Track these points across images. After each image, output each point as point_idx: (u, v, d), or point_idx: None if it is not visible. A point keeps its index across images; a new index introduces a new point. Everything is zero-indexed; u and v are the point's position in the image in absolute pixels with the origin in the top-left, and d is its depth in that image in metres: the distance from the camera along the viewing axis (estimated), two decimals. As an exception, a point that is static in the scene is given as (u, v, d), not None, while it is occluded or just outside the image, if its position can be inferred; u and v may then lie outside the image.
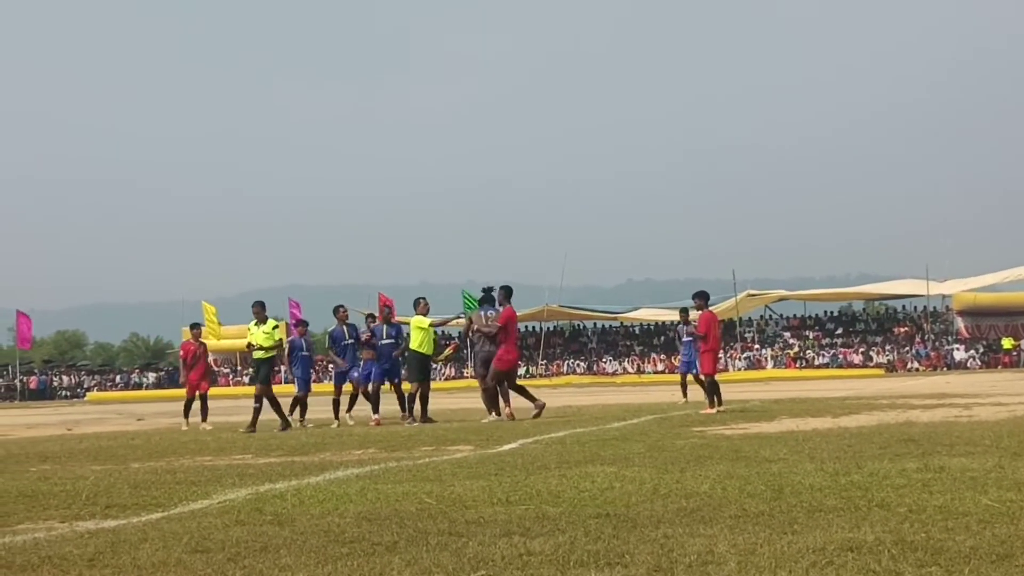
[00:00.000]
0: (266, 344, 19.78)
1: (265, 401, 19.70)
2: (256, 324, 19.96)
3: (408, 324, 20.25)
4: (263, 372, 19.98)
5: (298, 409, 20.92)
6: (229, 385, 77.30)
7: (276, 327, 20.31)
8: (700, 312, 20.49)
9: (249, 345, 19.99)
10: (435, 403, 19.42)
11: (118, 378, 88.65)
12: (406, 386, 20.12)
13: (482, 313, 19.51)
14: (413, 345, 19.75)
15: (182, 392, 23.15)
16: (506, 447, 12.55)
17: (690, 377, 24.09)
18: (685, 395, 24.63)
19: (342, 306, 21.70)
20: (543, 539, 5.90)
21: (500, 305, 19.44)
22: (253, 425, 19.06)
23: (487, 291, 19.59)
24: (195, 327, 23.64)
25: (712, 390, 19.56)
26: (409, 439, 14.74)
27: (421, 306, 20.08)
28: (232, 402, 42.85)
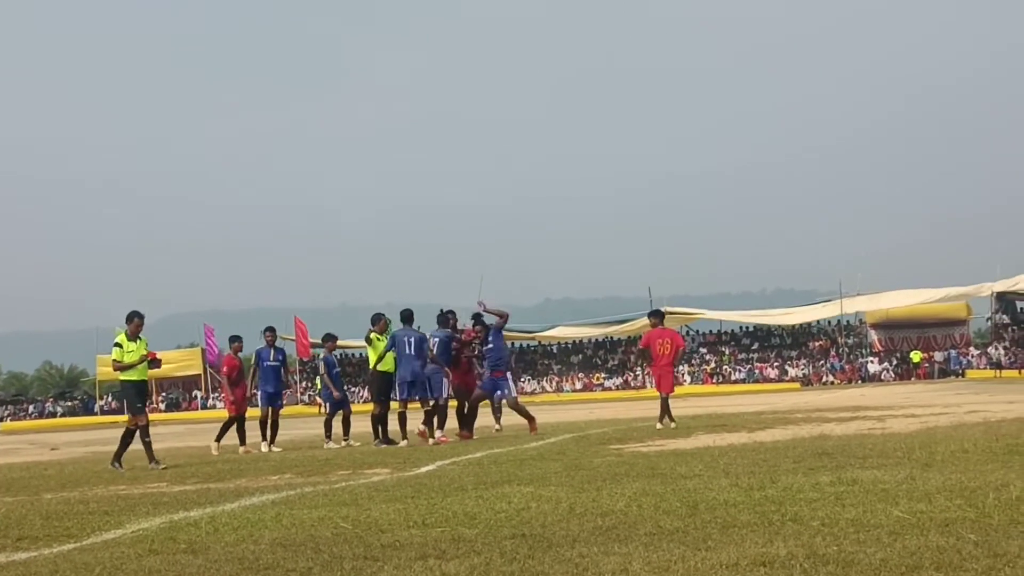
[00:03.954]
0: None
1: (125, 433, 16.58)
2: (129, 338, 16.37)
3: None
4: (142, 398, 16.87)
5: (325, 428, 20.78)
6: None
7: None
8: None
9: (150, 362, 16.36)
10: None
11: (31, 408, 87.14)
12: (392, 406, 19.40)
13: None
14: (374, 364, 19.21)
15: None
16: (423, 469, 12.51)
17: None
18: (497, 420, 23.13)
19: (271, 329, 21.34)
20: (458, 561, 5.89)
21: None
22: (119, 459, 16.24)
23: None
24: (235, 340, 21.24)
25: (663, 407, 19.90)
26: (326, 463, 14.63)
27: (380, 323, 19.50)
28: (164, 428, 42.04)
